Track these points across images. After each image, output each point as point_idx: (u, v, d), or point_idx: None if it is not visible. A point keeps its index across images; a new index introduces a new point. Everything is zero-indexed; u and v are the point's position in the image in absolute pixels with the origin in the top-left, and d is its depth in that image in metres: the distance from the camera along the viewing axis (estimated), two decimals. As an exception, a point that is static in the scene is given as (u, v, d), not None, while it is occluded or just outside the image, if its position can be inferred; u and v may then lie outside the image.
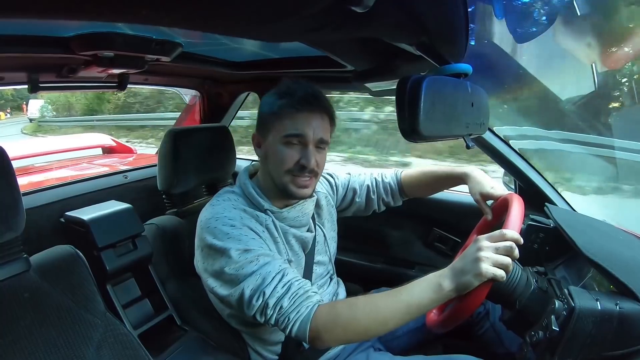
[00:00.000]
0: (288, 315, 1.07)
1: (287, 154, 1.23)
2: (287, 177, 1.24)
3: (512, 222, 1.11)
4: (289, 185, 1.25)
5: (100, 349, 1.13)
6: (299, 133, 1.22)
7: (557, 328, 1.01)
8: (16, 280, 1.08)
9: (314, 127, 1.24)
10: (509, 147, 1.70)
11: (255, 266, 1.11)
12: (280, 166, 1.24)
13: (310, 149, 1.24)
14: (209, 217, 1.22)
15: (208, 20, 0.71)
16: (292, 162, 1.23)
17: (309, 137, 1.23)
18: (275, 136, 1.24)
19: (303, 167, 1.23)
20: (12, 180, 1.01)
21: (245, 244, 1.14)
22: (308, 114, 1.23)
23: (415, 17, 0.82)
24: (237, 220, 1.20)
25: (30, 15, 0.62)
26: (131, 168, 2.22)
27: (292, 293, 1.08)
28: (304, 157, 1.23)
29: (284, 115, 1.23)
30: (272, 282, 1.09)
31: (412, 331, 1.55)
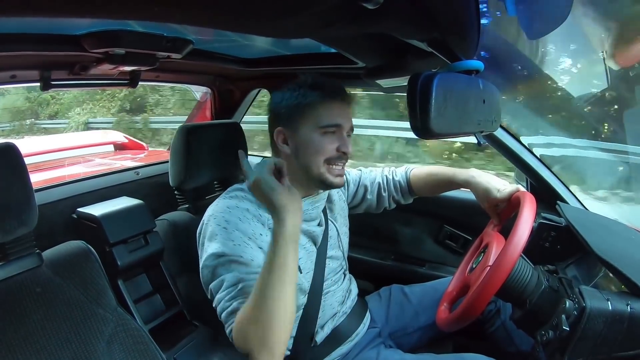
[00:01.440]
0: (226, 329, 1.09)
1: (326, 144, 1.25)
2: (324, 167, 1.26)
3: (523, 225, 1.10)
4: (326, 175, 1.27)
5: (111, 344, 1.14)
6: (337, 123, 1.26)
7: (568, 328, 1.01)
8: (29, 275, 1.09)
9: (348, 116, 1.29)
10: (520, 144, 1.69)
11: (223, 271, 1.12)
12: (319, 156, 1.25)
13: (345, 136, 1.28)
14: (209, 214, 1.23)
15: (219, 17, 0.72)
16: (332, 150, 1.26)
17: (345, 126, 1.28)
18: (310, 127, 1.26)
19: (344, 154, 1.27)
20: (24, 176, 1.02)
21: (223, 250, 1.13)
22: (341, 104, 1.28)
23: (426, 13, 0.82)
24: (231, 223, 1.18)
25: (42, 13, 0.63)
26: (143, 164, 2.23)
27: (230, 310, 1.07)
28: (343, 145, 1.26)
29: (319, 106, 1.25)
30: (223, 292, 1.10)
31: (422, 329, 1.54)
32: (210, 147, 1.72)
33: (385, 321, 1.57)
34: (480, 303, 1.07)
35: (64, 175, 2.22)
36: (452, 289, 1.39)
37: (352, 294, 1.53)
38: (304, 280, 1.31)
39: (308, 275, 1.34)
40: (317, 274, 1.36)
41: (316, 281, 1.36)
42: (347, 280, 1.54)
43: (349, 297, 1.51)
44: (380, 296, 1.65)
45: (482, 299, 1.06)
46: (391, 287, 1.67)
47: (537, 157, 1.70)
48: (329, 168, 1.27)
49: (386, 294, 1.65)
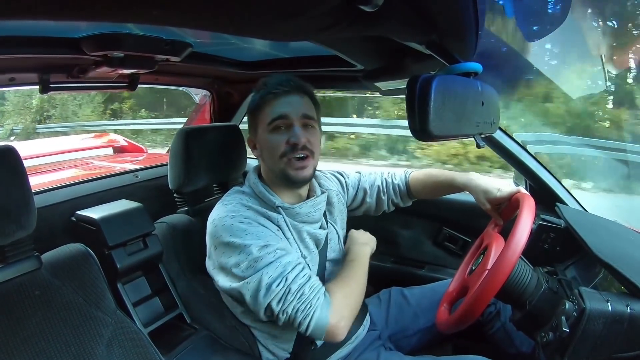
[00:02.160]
0: (310, 302, 1.11)
1: (276, 139, 1.26)
2: (282, 162, 1.26)
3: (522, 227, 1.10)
4: (287, 171, 1.26)
5: (110, 347, 1.13)
6: (280, 114, 1.26)
7: (567, 329, 1.01)
8: (28, 278, 1.09)
9: (293, 105, 1.27)
10: (519, 146, 1.69)
11: (274, 257, 1.14)
12: (273, 153, 1.26)
13: (296, 127, 1.26)
14: (223, 215, 1.23)
15: (217, 20, 0.72)
16: (283, 144, 1.25)
17: (291, 116, 1.26)
18: (262, 128, 1.28)
19: (294, 145, 1.25)
20: (23, 179, 1.02)
21: (264, 240, 1.16)
22: (285, 95, 1.27)
23: (424, 16, 0.82)
24: (252, 218, 1.22)
25: (41, 16, 0.63)
26: (142, 167, 2.23)
27: (312, 283, 1.15)
28: (292, 136, 1.25)
29: (264, 104, 1.28)
30: (294, 270, 1.14)
31: (422, 331, 1.54)
32: (210, 150, 1.72)
33: (384, 323, 1.57)
34: (479, 305, 1.07)
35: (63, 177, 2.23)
36: (451, 290, 1.39)
37: None
38: None
39: None
40: (318, 275, 1.36)
41: None
42: None
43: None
44: (380, 299, 1.65)
45: (481, 302, 1.06)
46: (391, 289, 1.67)
47: (535, 159, 1.70)
48: (288, 162, 1.26)
49: (386, 296, 1.65)
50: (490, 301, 1.08)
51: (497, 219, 1.38)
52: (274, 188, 1.32)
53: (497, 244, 1.24)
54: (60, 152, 2.96)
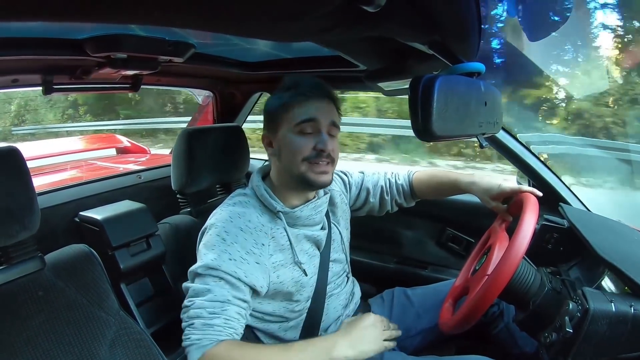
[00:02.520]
0: (192, 334, 1.06)
1: (302, 142, 1.23)
2: (304, 166, 1.23)
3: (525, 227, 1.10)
4: (308, 174, 1.24)
5: (113, 347, 1.14)
6: (311, 117, 1.22)
7: (571, 329, 1.00)
8: (31, 279, 1.09)
9: (324, 110, 1.25)
10: (522, 146, 1.69)
11: (212, 281, 1.11)
12: (296, 155, 1.23)
13: (324, 133, 1.24)
14: (211, 223, 1.23)
15: (220, 21, 0.72)
16: (309, 148, 1.22)
17: (321, 121, 1.23)
18: (287, 127, 1.24)
19: (321, 151, 1.22)
20: (27, 180, 1.03)
21: (219, 263, 1.13)
22: (316, 100, 1.24)
23: (427, 16, 0.82)
24: (231, 234, 1.18)
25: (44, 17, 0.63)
26: (145, 168, 2.23)
27: (210, 324, 1.07)
28: (319, 142, 1.22)
29: (293, 105, 1.23)
30: (206, 302, 1.09)
31: (425, 331, 1.54)
32: (213, 150, 1.72)
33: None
34: (482, 306, 1.06)
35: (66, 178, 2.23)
36: (455, 290, 1.39)
37: (355, 297, 1.53)
38: (307, 286, 1.31)
39: (312, 280, 1.33)
40: (320, 277, 1.36)
41: (320, 285, 1.36)
42: (350, 283, 1.54)
43: (352, 300, 1.50)
44: (383, 299, 1.65)
45: (484, 302, 1.06)
46: (394, 289, 1.67)
47: (539, 158, 1.70)
48: (310, 166, 1.24)
49: (389, 296, 1.65)
50: (493, 302, 1.08)
51: (504, 216, 1.38)
52: (281, 189, 1.31)
53: (501, 244, 1.24)
54: (63, 153, 2.97)
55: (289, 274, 1.27)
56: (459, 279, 1.43)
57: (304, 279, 1.30)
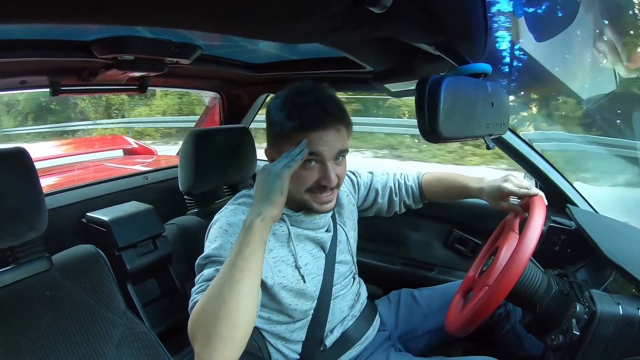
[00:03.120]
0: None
1: (305, 175, 1.18)
2: (308, 195, 1.21)
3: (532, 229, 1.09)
4: (311, 203, 1.22)
5: (120, 347, 1.14)
6: (314, 152, 1.16)
7: (578, 332, 1.00)
8: (38, 279, 1.10)
9: (329, 143, 1.17)
10: (530, 147, 1.68)
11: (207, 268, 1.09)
12: (299, 186, 1.20)
13: (329, 166, 1.18)
14: (215, 219, 1.23)
15: (227, 22, 0.72)
16: (312, 181, 1.19)
17: (325, 156, 1.17)
18: None
19: (324, 186, 1.19)
20: (34, 181, 1.04)
21: (222, 250, 1.11)
22: (321, 132, 1.16)
23: (433, 17, 0.81)
24: (233, 226, 1.16)
25: (51, 19, 0.63)
26: (152, 169, 2.24)
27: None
28: (323, 178, 1.18)
29: (295, 134, 1.16)
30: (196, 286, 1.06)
31: (431, 332, 1.54)
32: (220, 152, 1.73)
33: (394, 324, 1.57)
34: (488, 308, 1.06)
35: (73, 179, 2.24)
36: (462, 291, 1.38)
37: (362, 298, 1.53)
38: (310, 286, 1.31)
39: (314, 280, 1.33)
40: (326, 278, 1.36)
41: (325, 286, 1.36)
42: (357, 284, 1.54)
43: (358, 300, 1.50)
44: (390, 300, 1.64)
45: (491, 304, 1.06)
46: (400, 291, 1.66)
47: (546, 159, 1.69)
48: (313, 196, 1.21)
49: (395, 298, 1.64)
50: (500, 304, 1.07)
51: (517, 211, 1.35)
52: None
53: (508, 246, 1.24)
54: (70, 154, 2.99)
55: (289, 272, 1.26)
56: (466, 280, 1.43)
57: (301, 284, 1.29)
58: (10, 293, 1.05)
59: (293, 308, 1.28)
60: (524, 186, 1.32)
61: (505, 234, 1.32)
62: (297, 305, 1.29)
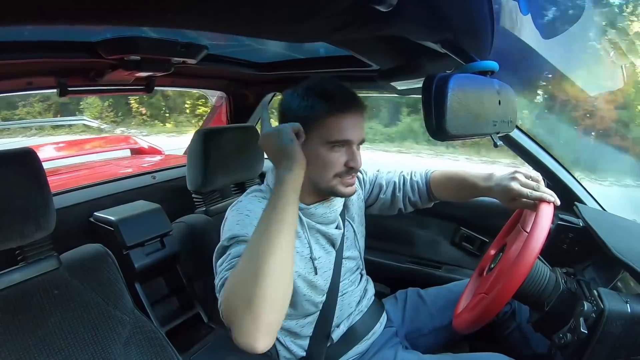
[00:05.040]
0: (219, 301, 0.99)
1: (334, 159, 1.21)
2: (335, 180, 1.23)
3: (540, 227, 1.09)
4: (338, 187, 1.24)
5: (128, 346, 1.15)
6: (346, 139, 1.20)
7: (586, 331, 0.99)
8: (47, 278, 1.11)
9: (357, 129, 1.22)
10: (537, 144, 1.67)
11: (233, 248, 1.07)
12: (328, 171, 1.22)
13: (355, 150, 1.23)
14: (232, 207, 1.23)
15: (233, 22, 0.72)
16: (341, 166, 1.22)
17: (354, 141, 1.22)
18: (319, 141, 1.20)
19: (352, 169, 1.23)
20: (42, 181, 1.04)
21: (247, 230, 1.08)
22: (351, 117, 1.20)
23: (439, 14, 0.81)
24: (253, 212, 1.17)
25: (58, 21, 0.64)
26: (159, 169, 2.25)
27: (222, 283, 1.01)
28: (352, 160, 1.22)
29: (327, 120, 1.18)
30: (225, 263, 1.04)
31: (438, 330, 1.54)
32: (227, 150, 1.73)
33: (401, 322, 1.57)
34: (496, 305, 1.06)
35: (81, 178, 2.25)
36: (469, 290, 1.38)
37: (369, 294, 1.53)
38: (320, 279, 1.31)
39: (325, 274, 1.34)
40: (334, 274, 1.37)
41: (333, 282, 1.36)
42: (364, 280, 1.54)
43: (365, 296, 1.50)
44: (397, 299, 1.64)
45: (498, 302, 1.05)
46: (407, 290, 1.66)
47: (554, 157, 1.68)
48: (340, 180, 1.24)
49: (402, 297, 1.64)
50: (507, 302, 1.07)
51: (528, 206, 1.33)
52: None
53: (516, 243, 1.23)
54: (78, 154, 3.00)
55: (302, 264, 1.27)
56: (473, 277, 1.42)
57: (313, 276, 1.30)
58: (19, 292, 1.06)
59: (307, 299, 1.29)
60: (531, 186, 1.29)
61: (513, 232, 1.32)
62: (311, 296, 1.30)
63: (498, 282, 1.10)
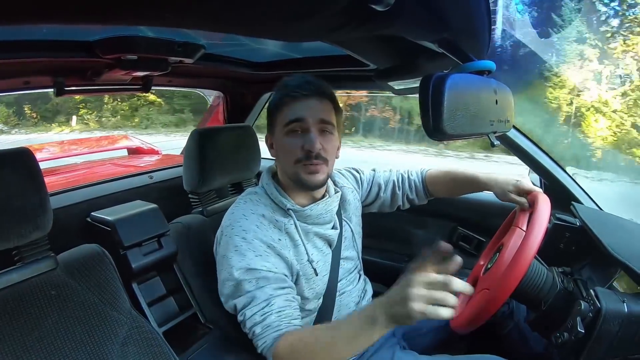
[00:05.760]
0: (257, 341, 1.13)
1: (291, 143, 1.24)
2: (297, 167, 1.24)
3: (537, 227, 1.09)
4: (300, 175, 1.24)
5: (125, 346, 1.15)
6: (297, 117, 1.23)
7: (583, 330, 1.00)
8: (44, 278, 1.10)
9: (312, 109, 1.24)
10: (534, 144, 1.68)
11: (251, 287, 1.16)
12: (289, 157, 1.25)
13: (312, 132, 1.23)
14: (227, 224, 1.26)
15: (230, 21, 0.72)
16: (298, 149, 1.23)
17: (308, 120, 1.23)
18: (279, 128, 1.26)
19: (308, 152, 1.22)
20: (39, 180, 1.04)
21: (248, 262, 1.17)
22: (304, 99, 1.24)
23: (436, 14, 0.81)
24: (250, 231, 1.21)
25: (54, 20, 0.63)
26: (156, 169, 2.24)
27: (266, 324, 1.12)
28: (307, 142, 1.22)
29: (282, 105, 1.25)
30: (254, 307, 1.14)
31: (435, 329, 1.54)
32: (224, 150, 1.73)
33: (398, 322, 1.57)
34: (493, 305, 1.06)
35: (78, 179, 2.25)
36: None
37: (368, 295, 1.53)
38: (320, 283, 1.32)
39: (325, 278, 1.35)
40: (331, 275, 1.37)
41: (331, 282, 1.37)
42: (362, 280, 1.54)
43: (364, 297, 1.50)
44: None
45: (496, 302, 1.05)
46: None
47: (551, 157, 1.69)
48: (301, 167, 1.24)
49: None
50: (505, 301, 1.07)
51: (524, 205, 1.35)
52: (288, 189, 1.32)
53: (513, 243, 1.23)
54: (75, 154, 2.99)
55: (301, 270, 1.28)
56: (470, 277, 1.42)
57: (314, 278, 1.31)
58: (16, 292, 1.05)
59: (306, 297, 1.31)
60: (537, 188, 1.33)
61: (510, 231, 1.32)
62: (311, 294, 1.32)
63: (495, 281, 1.10)
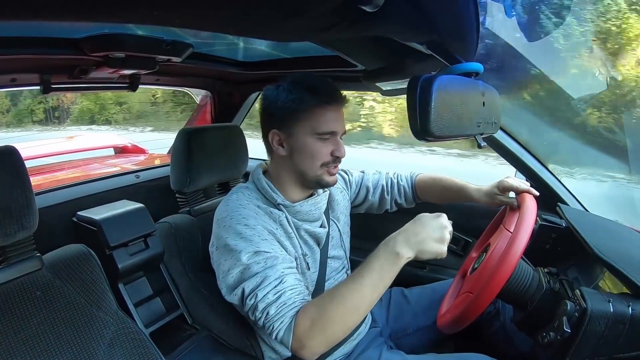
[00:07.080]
0: (273, 323, 1.09)
1: (322, 148, 1.27)
2: (322, 170, 1.29)
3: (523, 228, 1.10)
4: (324, 177, 1.30)
5: (111, 347, 1.14)
6: (333, 130, 1.27)
7: (569, 329, 1.01)
8: (29, 278, 1.09)
9: (340, 121, 1.29)
10: (521, 146, 1.69)
11: (260, 267, 1.13)
12: (316, 161, 1.27)
13: (339, 140, 1.30)
14: (224, 216, 1.24)
15: (218, 20, 0.72)
16: (327, 155, 1.28)
17: (339, 131, 1.29)
18: (306, 132, 1.26)
19: (337, 158, 1.30)
20: (25, 180, 1.03)
21: (256, 246, 1.16)
22: (336, 109, 1.28)
23: (425, 16, 0.82)
24: (251, 218, 1.22)
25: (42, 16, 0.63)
26: (143, 168, 2.23)
27: (281, 302, 1.09)
28: (337, 150, 1.28)
29: (315, 112, 1.25)
30: (267, 287, 1.11)
31: (422, 329, 1.55)
32: (211, 150, 1.73)
33: (385, 322, 1.58)
34: (479, 305, 1.07)
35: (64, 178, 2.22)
36: (453, 290, 1.39)
37: None
38: (310, 280, 1.33)
39: (314, 275, 1.36)
40: (320, 273, 1.37)
41: (318, 281, 1.37)
42: None
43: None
44: (381, 299, 1.65)
45: (482, 302, 1.06)
46: (391, 290, 1.67)
47: (537, 158, 1.70)
48: (326, 170, 1.29)
49: (386, 296, 1.65)
50: (491, 301, 1.08)
51: (512, 205, 1.37)
52: (281, 184, 1.33)
53: (499, 244, 1.24)
54: (61, 152, 2.96)
55: (297, 262, 1.29)
56: (457, 277, 1.43)
57: (307, 272, 1.33)
58: (1, 293, 1.04)
59: None
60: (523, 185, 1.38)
61: (497, 232, 1.33)
62: None
63: (482, 281, 1.11)
